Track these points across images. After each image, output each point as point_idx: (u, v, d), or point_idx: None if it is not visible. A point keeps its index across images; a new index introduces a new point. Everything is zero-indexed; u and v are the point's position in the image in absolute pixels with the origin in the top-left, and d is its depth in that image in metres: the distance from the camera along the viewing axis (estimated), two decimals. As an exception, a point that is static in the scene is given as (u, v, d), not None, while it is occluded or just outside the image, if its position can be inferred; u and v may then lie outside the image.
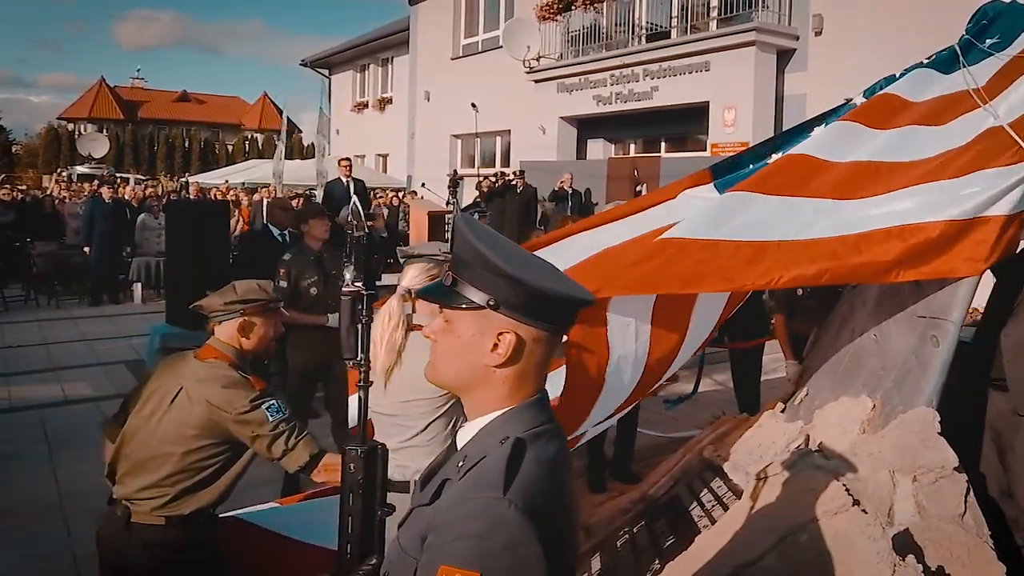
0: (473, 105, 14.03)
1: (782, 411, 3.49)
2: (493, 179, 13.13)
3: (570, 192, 10.91)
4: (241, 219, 12.75)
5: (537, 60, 13.61)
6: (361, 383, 1.30)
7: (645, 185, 10.81)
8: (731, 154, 8.97)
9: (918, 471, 2.36)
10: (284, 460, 2.33)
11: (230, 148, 43.06)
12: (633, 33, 12.04)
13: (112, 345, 8.69)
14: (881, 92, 3.21)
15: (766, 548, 2.31)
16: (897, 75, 3.32)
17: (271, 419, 2.31)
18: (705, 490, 3.21)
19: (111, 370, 7.58)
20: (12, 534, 4.09)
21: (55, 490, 4.69)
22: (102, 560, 2.44)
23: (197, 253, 6.38)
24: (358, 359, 1.28)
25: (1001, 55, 3.04)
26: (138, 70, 64.30)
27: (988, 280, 2.83)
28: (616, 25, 12.20)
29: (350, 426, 2.73)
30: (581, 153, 13.74)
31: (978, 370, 2.80)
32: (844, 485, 2.34)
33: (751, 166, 4.02)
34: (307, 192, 17.38)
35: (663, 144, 12.82)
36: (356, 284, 1.32)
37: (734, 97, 10.05)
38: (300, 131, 47.58)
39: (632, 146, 13.54)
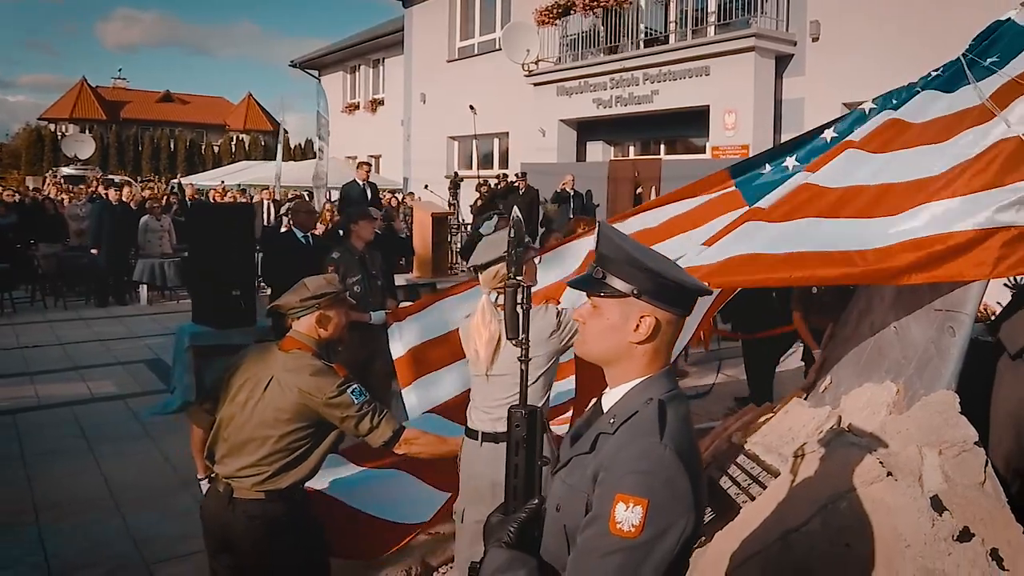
0: (472, 107, 14.25)
1: (805, 398, 3.79)
2: (496, 181, 13.37)
3: (572, 194, 11.16)
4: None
5: (536, 64, 13.85)
6: (521, 358, 1.56)
7: (648, 186, 11.10)
8: (743, 158, 9.26)
9: (943, 446, 2.64)
10: (370, 437, 2.58)
11: (216, 149, 42.90)
12: (631, 38, 12.32)
13: (128, 345, 8.84)
14: (885, 120, 3.39)
15: (810, 515, 2.59)
16: (902, 95, 3.58)
17: (356, 402, 2.55)
18: (739, 471, 3.49)
19: (132, 369, 7.75)
20: (68, 524, 4.26)
21: (102, 482, 4.87)
22: (207, 533, 2.67)
23: (221, 254, 6.53)
24: (520, 339, 1.54)
25: (1002, 72, 3.30)
26: (120, 70, 63.90)
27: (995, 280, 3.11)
28: (615, 29, 12.45)
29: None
30: (580, 155, 13.99)
31: (991, 364, 3.12)
32: (878, 459, 2.62)
33: (768, 166, 4.31)
34: (303, 194, 17.54)
35: (662, 147, 13.10)
36: (517, 277, 1.57)
37: (734, 101, 10.35)
38: (287, 132, 47.53)
39: (631, 148, 13.82)
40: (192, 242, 7.53)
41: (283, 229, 12.90)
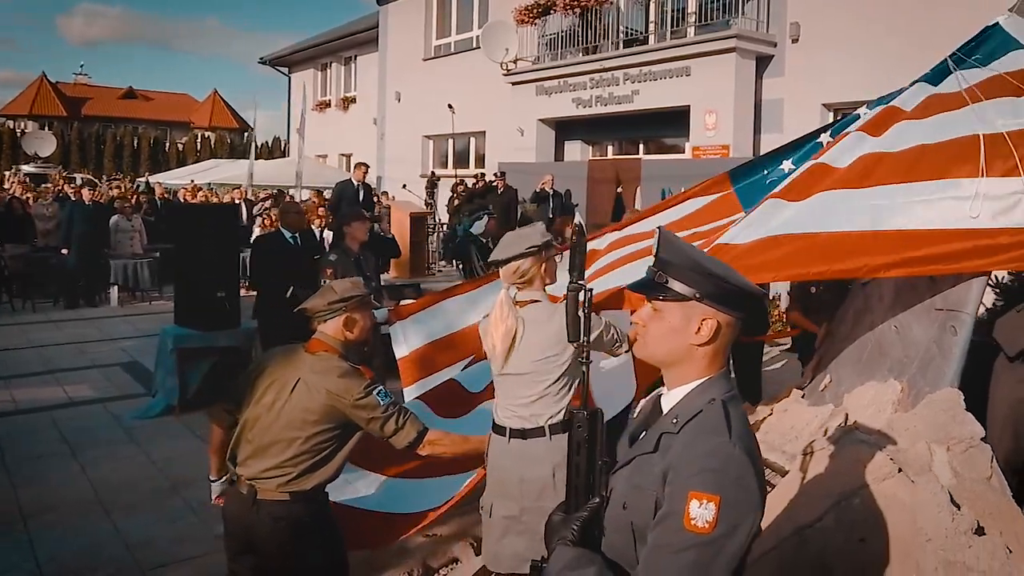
0: (450, 106, 14.20)
1: (802, 397, 3.86)
2: (473, 180, 13.34)
3: (551, 193, 11.19)
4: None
5: (514, 63, 13.86)
6: (583, 359, 1.57)
7: (628, 187, 11.17)
8: (723, 157, 9.33)
9: (950, 442, 2.72)
10: (395, 438, 2.59)
11: (181, 147, 42.14)
12: (610, 38, 12.39)
13: (103, 348, 8.64)
14: (881, 109, 3.55)
15: (824, 511, 2.64)
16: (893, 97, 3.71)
17: (382, 403, 2.56)
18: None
19: (109, 372, 7.58)
20: (58, 529, 4.17)
21: (89, 487, 4.77)
22: (230, 535, 2.66)
23: (206, 255, 6.43)
24: (581, 342, 1.56)
25: (985, 69, 3.42)
26: (82, 66, 62.39)
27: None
28: (593, 29, 12.51)
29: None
30: (559, 155, 14.02)
31: (985, 365, 3.21)
32: (888, 456, 2.69)
33: (765, 171, 4.40)
34: (277, 192, 17.33)
35: (641, 146, 13.20)
36: (580, 281, 1.59)
37: (715, 101, 10.46)
38: (252, 129, 46.81)
39: (610, 148, 13.88)
40: (176, 243, 7.42)
41: (257, 228, 12.83)
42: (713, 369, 1.50)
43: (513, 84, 14.00)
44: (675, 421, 1.46)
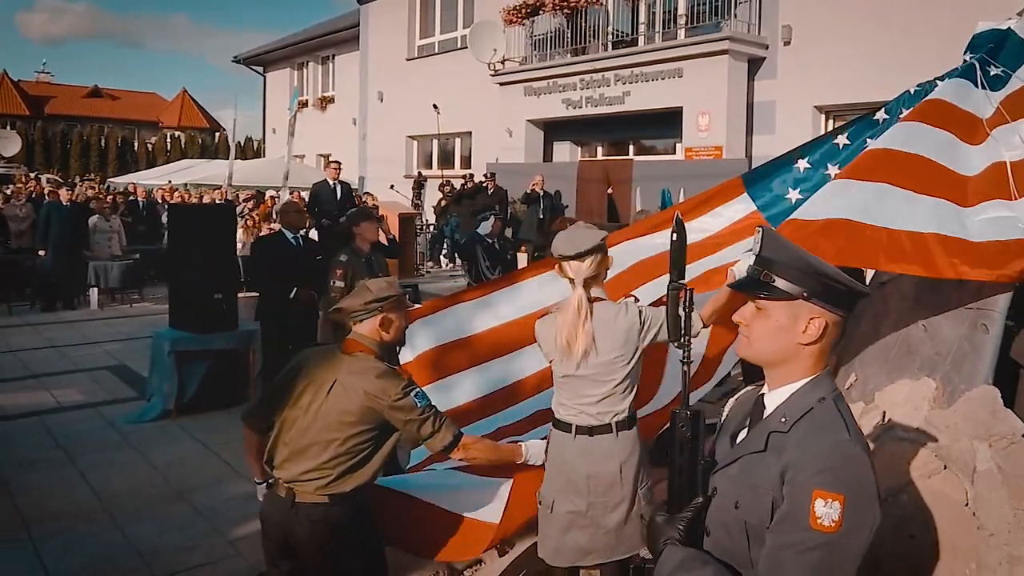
0: (435, 106, 14.12)
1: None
2: (462, 181, 13.28)
3: (542, 194, 11.19)
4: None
5: (502, 63, 13.82)
6: (684, 360, 1.54)
7: (619, 188, 11.20)
8: (717, 159, 9.42)
9: (992, 439, 2.74)
10: (430, 441, 2.55)
11: (150, 147, 41.39)
12: (599, 39, 12.42)
13: (86, 351, 8.41)
14: (929, 98, 3.42)
15: (871, 508, 2.64)
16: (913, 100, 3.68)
17: (419, 405, 2.52)
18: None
19: (96, 376, 7.39)
20: (64, 538, 4.04)
21: (91, 494, 4.63)
22: (268, 538, 2.59)
23: (201, 257, 6.30)
24: (683, 340, 1.53)
25: (1014, 78, 3.43)
26: (44, 63, 60.99)
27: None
28: (581, 30, 12.53)
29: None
30: (547, 156, 14.01)
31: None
32: (933, 453, 2.70)
33: (779, 173, 4.38)
34: (257, 192, 17.08)
35: (631, 147, 13.25)
36: (680, 281, 1.56)
37: (707, 103, 10.53)
38: (223, 129, 46.24)
39: (599, 149, 13.90)
40: (170, 244, 7.26)
41: (240, 230, 12.60)
42: (818, 368, 1.49)
43: (501, 85, 13.96)
44: (783, 420, 1.45)
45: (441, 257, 14.38)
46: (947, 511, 2.54)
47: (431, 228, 14.50)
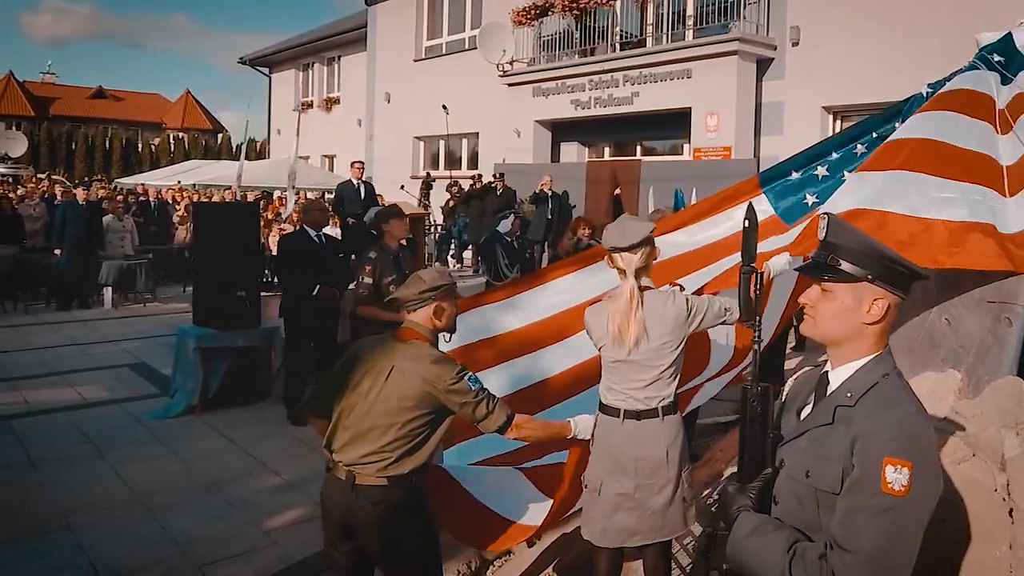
0: (444, 107, 14.21)
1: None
2: (471, 182, 13.36)
3: (550, 194, 11.27)
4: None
5: (511, 64, 13.91)
6: (756, 339, 1.64)
7: (627, 188, 11.28)
8: (726, 159, 9.46)
9: (1019, 427, 2.83)
10: (485, 422, 2.65)
11: (153, 148, 41.49)
12: (607, 40, 12.50)
13: (105, 349, 8.51)
14: (956, 89, 3.45)
15: (903, 494, 2.73)
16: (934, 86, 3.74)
17: (473, 388, 2.61)
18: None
19: (118, 373, 7.49)
20: (103, 529, 4.12)
21: (125, 487, 4.71)
22: (328, 519, 2.68)
23: (226, 255, 6.39)
24: (754, 321, 1.63)
25: (1014, 84, 3.48)
26: (49, 64, 61.09)
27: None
28: (590, 31, 12.61)
29: None
30: (555, 156, 14.09)
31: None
32: (962, 440, 2.80)
33: (794, 174, 4.43)
34: (265, 192, 17.20)
35: (638, 148, 13.33)
36: (751, 265, 1.66)
37: (716, 104, 10.62)
38: (226, 130, 46.38)
39: (607, 150, 13.98)
40: (195, 242, 7.34)
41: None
42: (880, 346, 1.60)
43: (509, 85, 14.04)
44: (849, 395, 1.56)
45: (448, 258, 14.47)
46: (978, 496, 2.63)
47: (440, 229, 14.58)
